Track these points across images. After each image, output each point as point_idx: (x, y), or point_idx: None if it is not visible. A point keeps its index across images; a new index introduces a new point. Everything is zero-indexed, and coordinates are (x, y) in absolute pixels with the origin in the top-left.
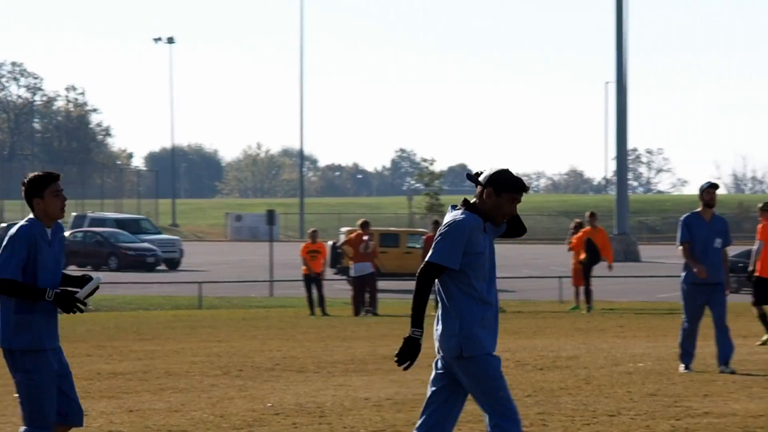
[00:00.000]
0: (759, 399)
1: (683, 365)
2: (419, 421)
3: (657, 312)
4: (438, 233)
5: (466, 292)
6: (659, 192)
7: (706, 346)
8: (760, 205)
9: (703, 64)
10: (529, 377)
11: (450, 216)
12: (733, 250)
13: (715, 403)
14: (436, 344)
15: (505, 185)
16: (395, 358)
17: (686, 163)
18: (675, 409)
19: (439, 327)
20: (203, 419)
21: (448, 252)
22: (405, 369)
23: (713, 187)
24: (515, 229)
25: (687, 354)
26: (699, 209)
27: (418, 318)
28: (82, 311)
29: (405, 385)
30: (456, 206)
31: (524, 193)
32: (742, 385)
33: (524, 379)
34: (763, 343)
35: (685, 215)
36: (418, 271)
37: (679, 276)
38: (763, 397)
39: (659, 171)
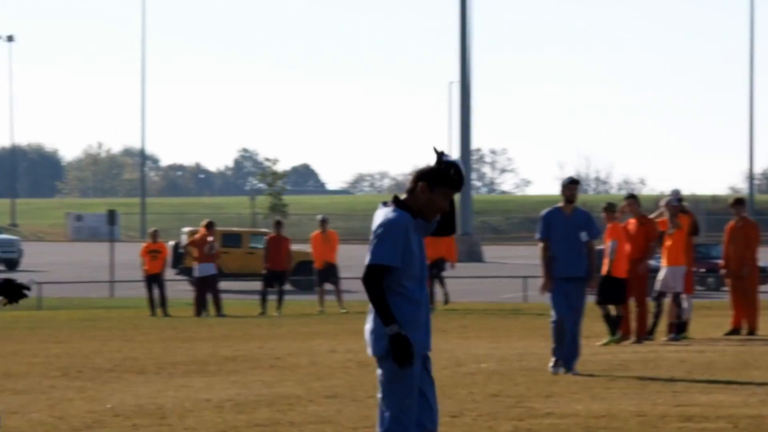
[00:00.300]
0: (601, 399)
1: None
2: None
3: (500, 312)
4: (373, 234)
5: (397, 292)
6: (503, 192)
7: (547, 347)
8: (603, 205)
9: (547, 65)
10: (372, 378)
11: (382, 214)
12: None
13: (557, 404)
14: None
15: (440, 180)
16: (396, 364)
17: (530, 163)
18: (517, 409)
19: (369, 326)
20: (42, 421)
21: (388, 251)
22: (409, 365)
23: (574, 182)
24: (446, 227)
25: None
26: (560, 204)
27: (387, 315)
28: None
29: (246, 386)
30: (386, 203)
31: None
32: (584, 386)
33: (367, 380)
34: (606, 344)
35: (545, 210)
36: (363, 276)
37: (525, 276)
38: (605, 398)
39: (503, 171)
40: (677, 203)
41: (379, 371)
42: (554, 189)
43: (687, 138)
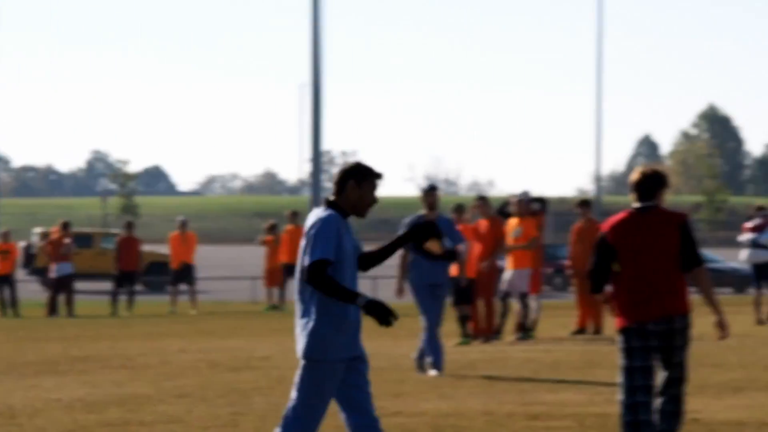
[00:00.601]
0: (449, 399)
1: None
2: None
3: None
4: (307, 235)
5: None
6: None
7: (396, 347)
8: (452, 206)
9: (396, 66)
10: (222, 378)
11: (314, 215)
12: None
13: (406, 403)
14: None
15: (365, 174)
16: (383, 325)
17: (380, 164)
18: None
19: (299, 325)
20: None
21: (325, 247)
22: (393, 322)
23: (432, 189)
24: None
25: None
26: (424, 212)
27: (348, 294)
28: None
29: (97, 386)
30: (318, 206)
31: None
32: (433, 385)
33: (217, 380)
34: (460, 344)
35: (409, 217)
36: (308, 276)
37: (374, 277)
38: (453, 397)
39: None
40: (528, 204)
41: (299, 372)
42: (405, 190)
43: (535, 140)
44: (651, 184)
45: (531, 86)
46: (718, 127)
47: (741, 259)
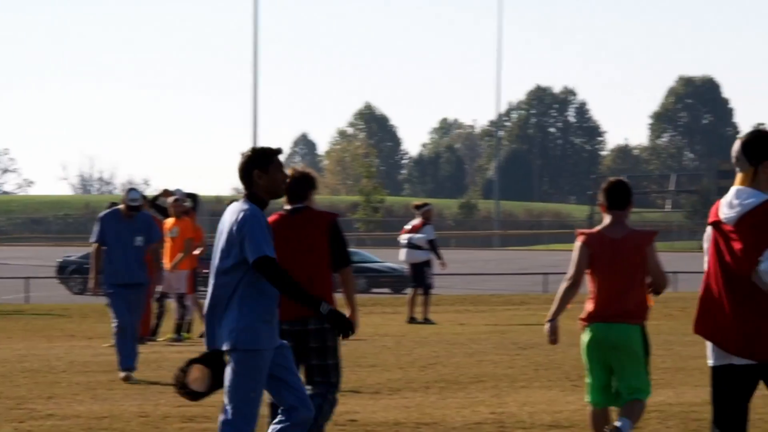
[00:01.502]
0: (103, 400)
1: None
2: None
3: (1, 314)
4: (240, 230)
5: (252, 284)
6: (5, 193)
7: (50, 348)
8: (106, 204)
9: (47, 64)
10: None
11: (238, 210)
12: (79, 251)
13: (59, 405)
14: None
15: (265, 156)
16: (343, 339)
17: (32, 163)
18: (18, 411)
19: (224, 319)
20: None
21: (269, 242)
22: (352, 332)
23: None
24: None
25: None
26: (121, 206)
27: (310, 298)
28: None
29: None
30: (235, 200)
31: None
32: (87, 387)
33: None
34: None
35: (103, 212)
36: (267, 272)
37: (27, 277)
38: (108, 399)
39: (5, 171)
40: (182, 203)
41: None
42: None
43: (192, 139)
44: (300, 186)
45: (187, 85)
46: (375, 126)
47: (400, 259)
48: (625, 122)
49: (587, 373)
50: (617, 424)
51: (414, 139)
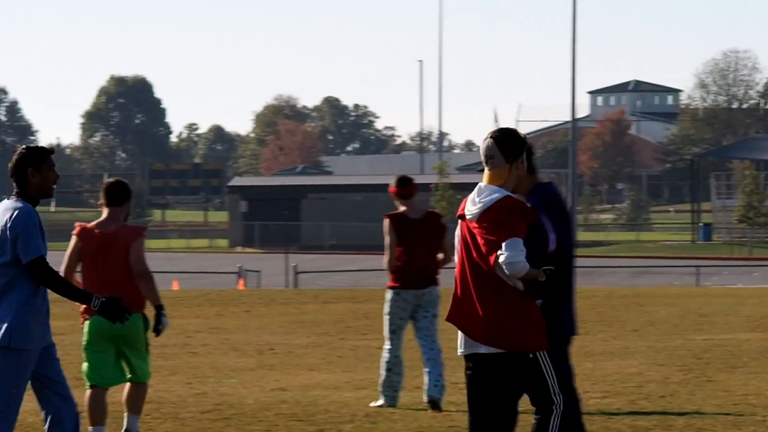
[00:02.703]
0: None
1: None
2: None
3: None
4: (11, 230)
5: (26, 283)
6: None
7: None
8: None
9: None
10: None
11: (8, 208)
12: None
13: None
14: None
15: (39, 156)
16: (118, 322)
17: None
18: None
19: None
20: None
21: (40, 242)
22: (125, 319)
23: None
24: None
25: None
26: None
27: (82, 294)
28: None
29: None
30: (8, 197)
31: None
32: None
33: None
34: None
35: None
36: (37, 273)
37: None
38: None
39: None
40: None
41: None
42: None
43: None
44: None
45: None
46: None
47: None
48: (58, 122)
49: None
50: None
51: None
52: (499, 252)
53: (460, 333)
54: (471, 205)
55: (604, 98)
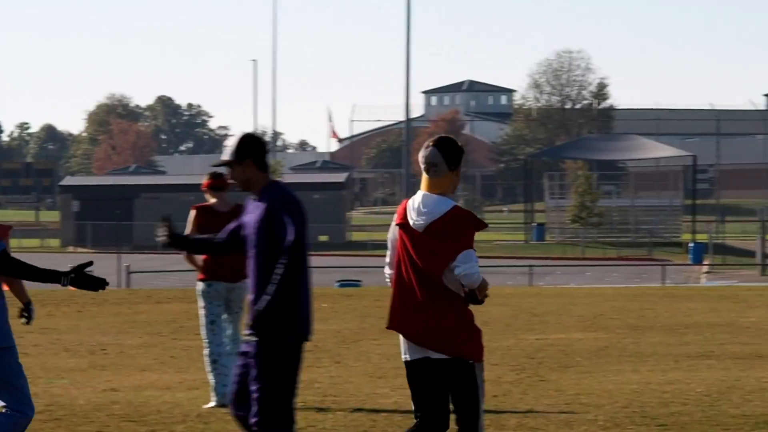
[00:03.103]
0: None
1: None
2: None
3: None
4: None
5: None
6: None
7: None
8: None
9: None
10: None
11: None
12: None
13: None
14: None
15: None
16: (99, 290)
17: None
18: None
19: None
20: None
21: None
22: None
23: None
24: None
25: None
26: None
27: (51, 273)
28: None
29: None
30: None
31: None
32: None
33: None
34: None
35: None
36: (4, 265)
37: None
38: None
39: None
40: None
41: None
42: None
43: None
44: None
45: None
46: None
47: None
48: None
49: None
50: None
51: None
52: (453, 264)
53: (402, 339)
54: (415, 215)
55: (438, 98)
